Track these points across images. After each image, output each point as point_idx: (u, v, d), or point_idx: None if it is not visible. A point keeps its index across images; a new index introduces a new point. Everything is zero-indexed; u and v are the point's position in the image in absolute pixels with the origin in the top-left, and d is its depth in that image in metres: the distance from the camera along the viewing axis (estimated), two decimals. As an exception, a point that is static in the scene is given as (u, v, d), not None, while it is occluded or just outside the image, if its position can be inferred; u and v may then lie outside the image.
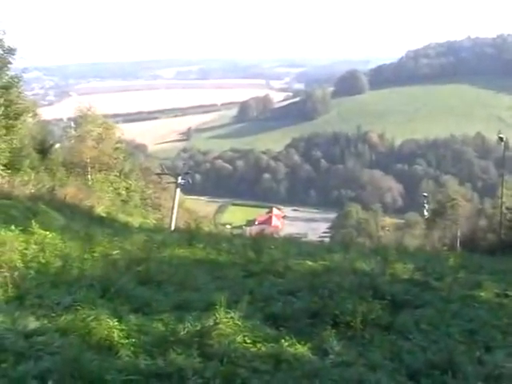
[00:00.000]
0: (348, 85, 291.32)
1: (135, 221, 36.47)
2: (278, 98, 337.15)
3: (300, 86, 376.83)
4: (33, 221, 14.60)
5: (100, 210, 33.20)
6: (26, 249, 12.56)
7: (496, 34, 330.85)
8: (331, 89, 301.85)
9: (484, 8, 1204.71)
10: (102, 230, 18.78)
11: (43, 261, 12.10)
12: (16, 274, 10.40)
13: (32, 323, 8.43)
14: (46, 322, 8.56)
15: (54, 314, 8.79)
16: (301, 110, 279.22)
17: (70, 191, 33.59)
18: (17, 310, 8.81)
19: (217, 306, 8.84)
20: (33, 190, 28.59)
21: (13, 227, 14.03)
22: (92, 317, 8.26)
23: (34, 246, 12.90)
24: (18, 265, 11.28)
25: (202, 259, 15.14)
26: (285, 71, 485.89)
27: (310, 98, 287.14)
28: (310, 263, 14.85)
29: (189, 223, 29.86)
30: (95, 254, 13.52)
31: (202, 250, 16.24)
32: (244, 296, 10.11)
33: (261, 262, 14.40)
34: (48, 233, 14.13)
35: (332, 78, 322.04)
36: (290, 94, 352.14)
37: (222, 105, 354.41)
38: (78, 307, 8.71)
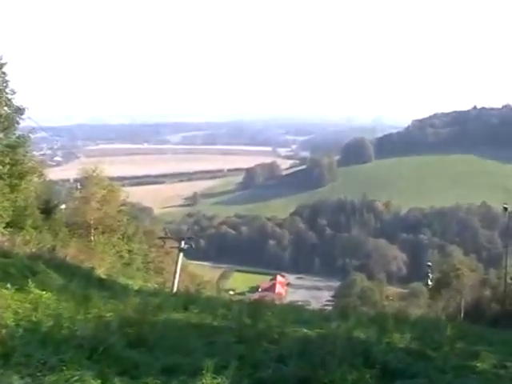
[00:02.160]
0: (354, 153, 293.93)
1: (135, 284, 36.26)
2: (284, 165, 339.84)
3: (306, 154, 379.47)
4: (29, 280, 14.61)
5: (100, 271, 33.10)
6: (19, 307, 12.52)
7: (502, 103, 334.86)
8: (337, 157, 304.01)
9: (490, 78, 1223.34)
10: (100, 292, 18.74)
11: (35, 319, 12.03)
12: (4, 331, 10.32)
13: (16, 382, 8.33)
14: (30, 381, 8.46)
15: (39, 374, 8.69)
16: (307, 177, 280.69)
17: (71, 252, 33.62)
18: (1, 368, 8.73)
19: (204, 371, 8.75)
20: (34, 249, 28.58)
21: (9, 285, 14.04)
22: (76, 377, 8.18)
23: (28, 305, 12.86)
24: (8, 323, 11.21)
25: (196, 324, 15.05)
26: (291, 138, 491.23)
27: (316, 166, 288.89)
28: (305, 330, 14.75)
29: (188, 288, 29.75)
30: (89, 315, 13.43)
31: (198, 315, 16.17)
32: (233, 362, 9.98)
33: (256, 328, 14.27)
34: (44, 292, 14.14)
35: (338, 145, 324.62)
36: (297, 161, 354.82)
37: (229, 171, 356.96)
38: (64, 367, 8.61)
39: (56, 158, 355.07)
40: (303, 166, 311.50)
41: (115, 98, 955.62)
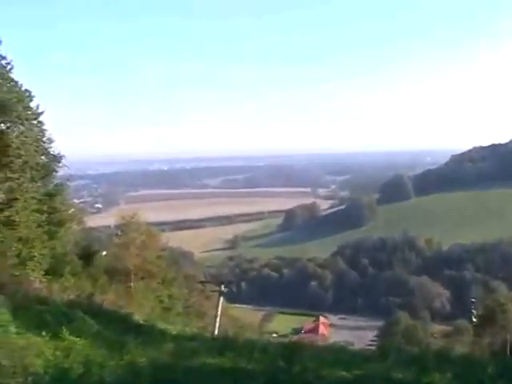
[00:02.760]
0: (394, 191, 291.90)
1: (174, 329, 35.93)
2: (324, 206, 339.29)
3: (346, 193, 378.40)
4: (63, 327, 14.48)
5: (138, 317, 32.87)
6: (51, 354, 12.41)
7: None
8: (377, 195, 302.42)
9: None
10: (136, 338, 18.48)
11: (66, 366, 11.88)
12: (30, 378, 10.16)
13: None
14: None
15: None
16: (347, 216, 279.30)
17: (109, 298, 33.49)
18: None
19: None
20: (72, 296, 28.58)
21: (43, 333, 13.94)
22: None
23: (60, 352, 12.74)
24: (37, 369, 11.06)
25: (230, 368, 14.66)
26: (331, 178, 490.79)
27: (355, 205, 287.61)
28: (343, 373, 14.26)
29: (228, 331, 29.32)
30: (121, 362, 13.22)
31: (233, 359, 15.77)
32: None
33: (290, 371, 13.85)
34: (78, 339, 13.99)
35: (377, 183, 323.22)
36: (336, 201, 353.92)
37: (269, 213, 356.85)
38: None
39: (97, 205, 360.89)
40: (343, 206, 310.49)
41: (153, 143, 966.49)
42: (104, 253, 58.48)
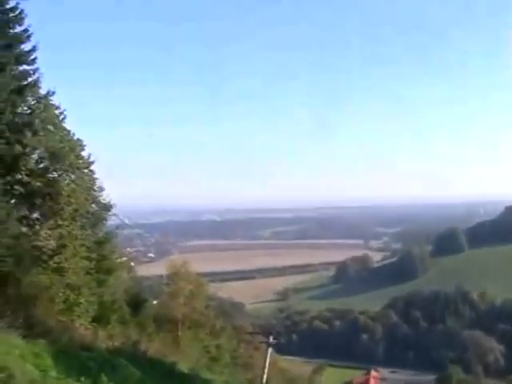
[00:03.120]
0: (447, 243, 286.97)
1: (219, 379, 35.61)
2: (376, 258, 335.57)
3: (398, 245, 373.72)
4: (102, 374, 14.39)
5: (183, 366, 32.66)
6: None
7: None
8: (430, 247, 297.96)
9: None
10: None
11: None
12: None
13: None
14: None
15: None
16: (399, 269, 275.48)
17: (155, 346, 33.42)
18: None
19: None
20: (116, 344, 28.60)
21: (83, 379, 13.89)
22: None
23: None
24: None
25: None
26: (382, 230, 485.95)
27: (408, 258, 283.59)
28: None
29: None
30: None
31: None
32: None
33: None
34: (118, 387, 13.86)
35: (430, 235, 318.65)
36: (388, 253, 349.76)
37: (320, 265, 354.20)
38: None
39: (149, 254, 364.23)
40: (395, 258, 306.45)
41: (205, 194, 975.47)
42: (155, 301, 58.79)
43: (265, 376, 45.05)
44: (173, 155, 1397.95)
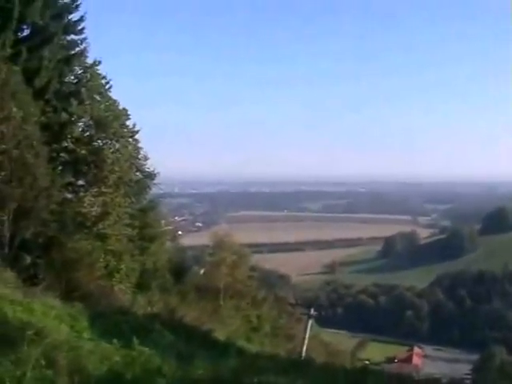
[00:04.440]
0: (496, 222, 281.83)
1: (254, 348, 35.96)
2: (424, 234, 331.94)
3: (447, 223, 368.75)
4: (134, 337, 14.72)
5: (220, 334, 33.12)
6: (115, 361, 12.65)
7: None
8: (478, 226, 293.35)
9: None
10: (209, 352, 18.70)
11: (122, 372, 12.07)
12: (77, 379, 10.43)
13: None
14: None
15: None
16: (447, 247, 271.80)
17: (193, 314, 33.92)
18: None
19: None
20: (154, 310, 29.22)
21: (115, 340, 14.24)
22: None
23: (123, 359, 12.95)
24: (93, 372, 11.31)
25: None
26: (431, 207, 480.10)
27: (456, 235, 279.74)
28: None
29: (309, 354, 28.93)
30: (178, 373, 13.28)
31: (295, 379, 15.63)
32: None
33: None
34: (147, 349, 14.18)
35: (480, 214, 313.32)
36: (436, 230, 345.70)
37: (368, 239, 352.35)
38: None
39: (197, 224, 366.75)
40: (443, 236, 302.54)
41: (254, 166, 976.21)
42: (202, 271, 59.66)
43: (304, 347, 45.51)
44: (232, 126, 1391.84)
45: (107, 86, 32.83)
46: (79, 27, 30.39)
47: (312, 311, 49.96)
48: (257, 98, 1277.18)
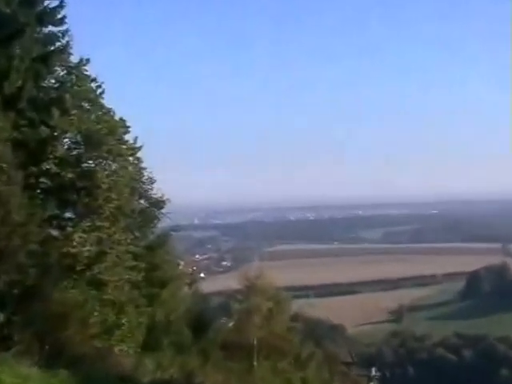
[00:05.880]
0: None
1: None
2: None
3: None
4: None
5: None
6: None
7: None
8: None
9: None
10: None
11: None
12: None
13: None
14: None
15: None
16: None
17: (217, 378, 33.70)
18: None
19: None
20: (166, 375, 28.98)
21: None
22: None
23: None
24: None
25: None
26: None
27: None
28: None
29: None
30: None
31: None
32: None
33: None
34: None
35: None
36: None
37: (444, 276, 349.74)
38: None
39: (224, 263, 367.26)
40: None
41: (293, 188, 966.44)
42: (230, 323, 59.54)
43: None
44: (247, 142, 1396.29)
45: (99, 91, 32.70)
46: (58, 16, 29.55)
47: (374, 372, 49.72)
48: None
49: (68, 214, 31.53)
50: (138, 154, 35.67)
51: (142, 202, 36.72)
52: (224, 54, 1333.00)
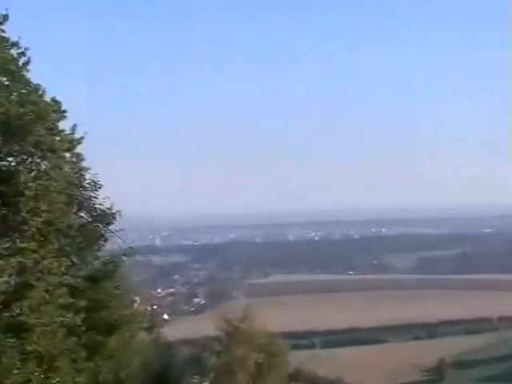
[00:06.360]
0: None
1: None
2: None
3: None
4: None
5: None
6: None
7: None
8: None
9: None
10: None
11: None
12: None
13: None
14: None
15: None
16: None
17: None
18: None
19: None
20: None
21: None
22: None
23: None
24: None
25: None
26: None
27: None
28: None
29: None
30: None
31: None
32: None
33: None
34: None
35: None
36: None
37: (502, 320, 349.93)
38: None
39: (196, 300, 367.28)
40: None
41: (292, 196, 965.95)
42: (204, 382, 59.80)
43: None
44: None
45: (22, 61, 32.30)
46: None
47: None
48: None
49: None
50: (78, 149, 35.08)
51: (82, 214, 36.24)
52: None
